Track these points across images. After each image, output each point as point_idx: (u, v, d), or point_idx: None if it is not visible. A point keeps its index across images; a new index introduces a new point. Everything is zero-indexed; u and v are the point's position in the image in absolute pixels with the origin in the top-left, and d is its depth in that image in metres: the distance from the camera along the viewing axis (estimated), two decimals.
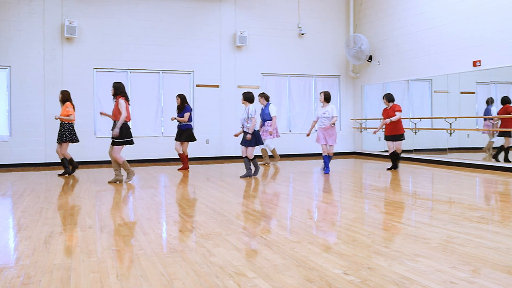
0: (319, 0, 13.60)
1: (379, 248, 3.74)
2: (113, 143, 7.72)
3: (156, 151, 11.95)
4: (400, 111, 9.46)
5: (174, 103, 12.09)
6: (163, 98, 12.18)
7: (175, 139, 10.18)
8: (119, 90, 7.74)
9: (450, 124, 10.51)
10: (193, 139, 10.14)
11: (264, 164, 10.89)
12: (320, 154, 13.16)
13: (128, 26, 11.77)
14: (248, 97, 8.58)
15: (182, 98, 10.15)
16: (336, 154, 13.70)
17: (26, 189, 7.34)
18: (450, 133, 10.62)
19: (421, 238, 4.06)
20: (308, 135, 9.50)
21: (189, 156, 11.73)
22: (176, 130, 10.37)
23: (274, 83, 13.25)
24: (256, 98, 10.45)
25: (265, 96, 10.66)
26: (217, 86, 12.59)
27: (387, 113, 9.55)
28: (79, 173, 9.57)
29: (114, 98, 7.79)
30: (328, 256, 3.54)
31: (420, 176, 8.93)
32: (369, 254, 3.57)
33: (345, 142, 14.00)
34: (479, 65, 9.76)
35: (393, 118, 9.28)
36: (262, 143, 8.87)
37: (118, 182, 7.94)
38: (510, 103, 9.82)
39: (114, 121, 7.74)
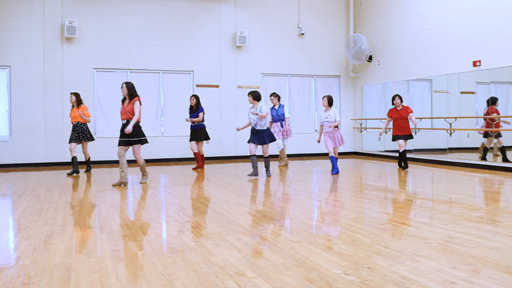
0: (319, 0, 13.60)
1: (379, 248, 3.74)
2: (131, 143, 7.60)
3: (156, 151, 11.93)
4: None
5: (174, 103, 12.14)
6: (163, 98, 12.18)
7: (190, 140, 10.18)
8: (134, 91, 7.65)
9: (450, 124, 10.51)
10: (208, 137, 10.17)
11: (285, 165, 10.62)
12: (321, 154, 13.17)
13: (128, 26, 11.77)
14: (257, 96, 8.47)
15: (197, 98, 10.22)
16: None
17: (26, 189, 7.34)
18: (450, 133, 10.63)
19: (421, 238, 4.06)
20: (318, 141, 9.41)
21: (188, 156, 11.76)
22: (183, 131, 10.55)
23: (274, 83, 13.24)
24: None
25: (278, 97, 10.45)
26: (217, 86, 12.59)
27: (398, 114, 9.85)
28: (79, 172, 9.56)
29: (129, 99, 7.64)
30: (328, 256, 3.54)
31: (420, 176, 8.93)
32: (369, 254, 3.57)
33: (345, 142, 13.98)
34: (479, 65, 9.75)
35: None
36: (275, 140, 8.72)
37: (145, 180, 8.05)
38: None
39: (126, 121, 7.59)
